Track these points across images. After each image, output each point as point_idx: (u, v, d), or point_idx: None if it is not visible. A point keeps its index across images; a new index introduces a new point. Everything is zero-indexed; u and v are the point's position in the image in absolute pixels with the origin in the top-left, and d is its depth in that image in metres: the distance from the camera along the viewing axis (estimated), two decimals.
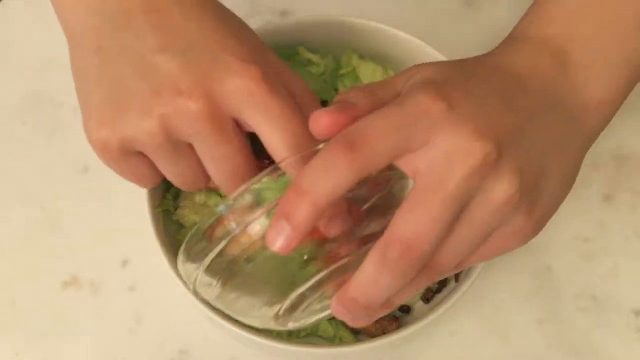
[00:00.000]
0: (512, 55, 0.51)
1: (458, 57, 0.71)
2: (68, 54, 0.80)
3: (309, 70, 0.71)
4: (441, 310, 0.62)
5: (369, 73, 0.72)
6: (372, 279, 0.43)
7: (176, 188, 0.69)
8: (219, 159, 0.49)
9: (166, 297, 0.71)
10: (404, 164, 0.44)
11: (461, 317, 0.71)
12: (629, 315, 0.71)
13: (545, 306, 0.72)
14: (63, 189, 0.75)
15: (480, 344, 0.70)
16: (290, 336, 0.67)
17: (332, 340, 0.67)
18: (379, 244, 0.43)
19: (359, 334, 0.67)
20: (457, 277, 0.68)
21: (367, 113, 0.44)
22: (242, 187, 0.45)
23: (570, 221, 0.74)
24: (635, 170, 0.76)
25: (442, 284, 0.68)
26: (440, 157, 0.42)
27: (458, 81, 0.46)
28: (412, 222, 0.42)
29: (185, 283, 0.50)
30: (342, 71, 0.72)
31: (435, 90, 0.44)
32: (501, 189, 0.44)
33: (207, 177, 0.52)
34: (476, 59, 0.52)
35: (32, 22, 0.81)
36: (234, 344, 0.69)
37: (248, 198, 0.45)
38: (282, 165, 0.46)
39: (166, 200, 0.68)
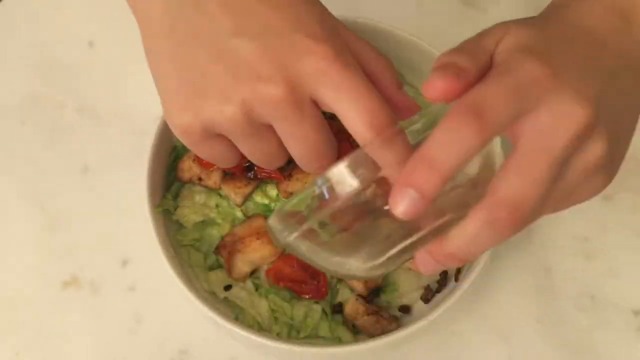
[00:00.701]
0: (587, 15, 0.51)
1: None
2: (68, 54, 0.80)
3: None
4: (441, 310, 0.62)
5: None
6: (475, 237, 0.45)
7: (176, 188, 0.69)
8: (299, 138, 0.50)
9: (166, 297, 0.71)
10: (508, 129, 0.46)
11: (461, 317, 0.71)
12: (629, 315, 0.71)
13: (545, 306, 0.72)
14: (63, 189, 0.75)
15: (480, 343, 0.70)
16: (290, 336, 0.67)
17: (332, 340, 0.67)
18: (484, 205, 0.45)
19: (358, 334, 0.67)
20: (457, 277, 0.68)
21: (476, 79, 0.46)
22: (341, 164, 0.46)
23: (570, 221, 0.74)
24: (635, 170, 0.76)
25: (442, 284, 0.68)
26: (547, 122, 0.44)
27: (554, 45, 0.48)
28: (519, 184, 0.44)
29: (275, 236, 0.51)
30: None
31: (539, 58, 0.46)
32: (595, 151, 0.46)
33: (287, 154, 0.53)
34: (557, 16, 0.53)
35: (32, 22, 0.81)
36: (234, 344, 0.69)
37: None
38: (367, 149, 0.47)
39: (166, 200, 0.68)
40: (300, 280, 0.67)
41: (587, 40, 0.50)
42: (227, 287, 0.67)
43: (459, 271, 0.68)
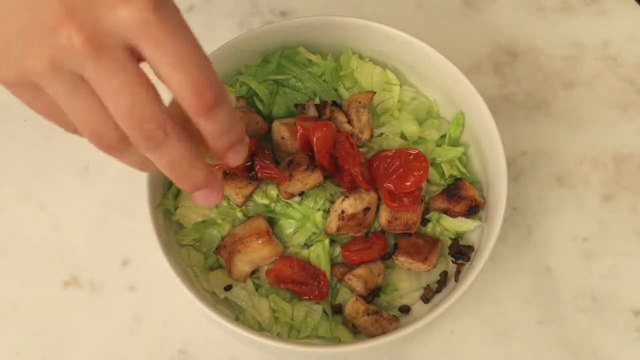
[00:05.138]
0: None
1: (458, 57, 0.71)
2: None
3: (309, 70, 0.71)
4: (441, 310, 0.62)
5: (367, 74, 0.72)
6: None
7: (176, 188, 0.69)
8: (116, 93, 0.46)
9: (166, 297, 0.71)
10: None
11: (461, 317, 0.71)
12: (629, 315, 0.71)
13: (545, 306, 0.72)
14: (63, 189, 0.75)
15: (480, 344, 0.71)
16: (290, 336, 0.67)
17: (332, 340, 0.67)
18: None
19: (358, 334, 0.67)
20: (457, 277, 0.68)
21: None
22: None
23: (570, 221, 0.74)
24: (635, 170, 0.76)
25: (442, 284, 0.68)
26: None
27: None
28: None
29: None
30: (342, 73, 0.72)
31: None
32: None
33: (117, 126, 0.48)
34: None
35: None
36: (234, 344, 0.69)
37: None
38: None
39: (166, 200, 0.68)
40: (301, 282, 0.67)
41: None
42: (228, 287, 0.67)
43: (459, 271, 0.68)
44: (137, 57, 0.46)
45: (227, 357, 0.70)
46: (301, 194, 0.67)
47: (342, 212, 0.65)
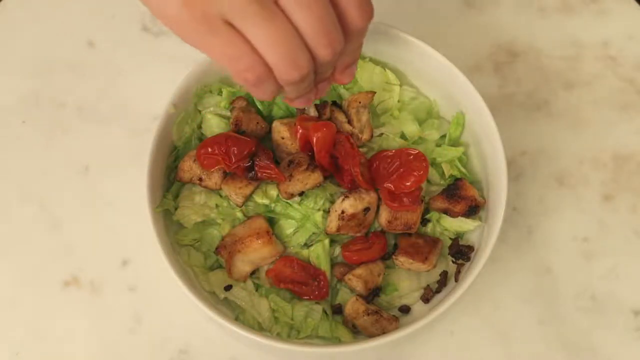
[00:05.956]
0: None
1: (458, 57, 0.71)
2: (68, 54, 0.80)
3: None
4: (441, 310, 0.62)
5: (367, 74, 0.72)
6: None
7: (176, 188, 0.69)
8: (306, 5, 0.48)
9: (166, 297, 0.71)
10: None
11: (461, 317, 0.71)
12: (629, 315, 0.71)
13: (546, 306, 0.72)
14: (63, 189, 0.75)
15: (480, 343, 0.71)
16: (290, 336, 0.67)
17: (332, 340, 0.67)
18: None
19: (358, 334, 0.67)
20: (457, 277, 0.68)
21: None
22: None
23: (570, 221, 0.74)
24: (635, 170, 0.76)
25: (442, 284, 0.68)
26: None
27: None
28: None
29: None
30: None
31: None
32: None
33: (303, 46, 0.50)
34: None
35: (32, 22, 0.81)
36: (234, 344, 0.69)
37: None
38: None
39: (166, 200, 0.68)
40: (301, 282, 0.67)
41: None
42: (228, 287, 0.67)
43: (459, 271, 0.68)
44: None
45: (227, 357, 0.70)
46: (301, 194, 0.67)
47: (342, 212, 0.65)
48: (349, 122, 0.69)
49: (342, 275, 0.68)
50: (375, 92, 0.70)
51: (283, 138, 0.68)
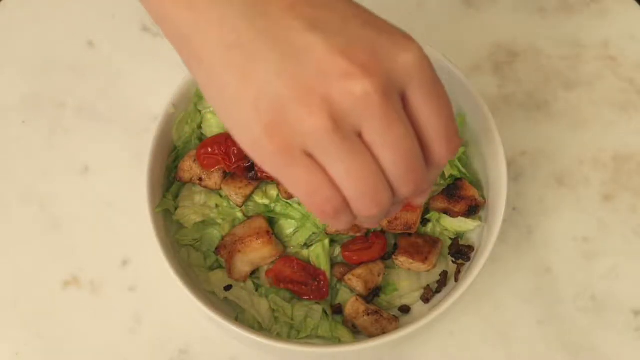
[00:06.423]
0: None
1: (458, 57, 0.71)
2: (68, 54, 0.80)
3: None
4: (441, 310, 0.62)
5: None
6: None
7: (176, 188, 0.69)
8: (394, 144, 0.45)
9: (166, 297, 0.71)
10: None
11: (461, 317, 0.71)
12: (629, 315, 0.71)
13: (545, 306, 0.72)
14: (63, 189, 0.75)
15: (480, 343, 0.70)
16: (290, 336, 0.67)
17: (332, 340, 0.67)
18: None
19: (358, 334, 0.67)
20: (457, 277, 0.68)
21: None
22: None
23: (570, 221, 0.74)
24: (635, 170, 0.76)
25: (442, 284, 0.68)
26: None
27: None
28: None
29: None
30: None
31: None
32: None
33: (387, 183, 0.46)
34: None
35: (32, 22, 0.81)
36: (234, 344, 0.69)
37: None
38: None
39: (166, 200, 0.68)
40: (301, 282, 0.67)
41: None
42: (228, 287, 0.67)
43: (459, 271, 0.68)
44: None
45: (227, 357, 0.70)
46: None
47: None
48: None
49: (342, 275, 0.68)
50: None
51: None
